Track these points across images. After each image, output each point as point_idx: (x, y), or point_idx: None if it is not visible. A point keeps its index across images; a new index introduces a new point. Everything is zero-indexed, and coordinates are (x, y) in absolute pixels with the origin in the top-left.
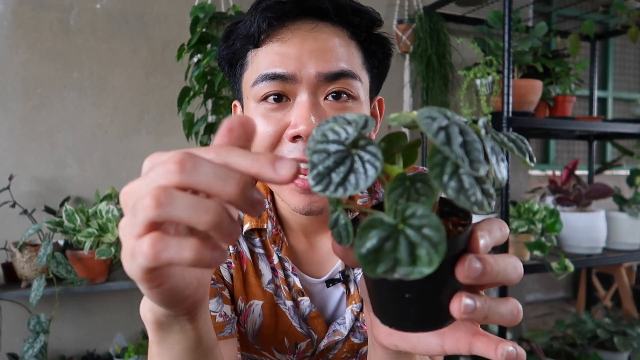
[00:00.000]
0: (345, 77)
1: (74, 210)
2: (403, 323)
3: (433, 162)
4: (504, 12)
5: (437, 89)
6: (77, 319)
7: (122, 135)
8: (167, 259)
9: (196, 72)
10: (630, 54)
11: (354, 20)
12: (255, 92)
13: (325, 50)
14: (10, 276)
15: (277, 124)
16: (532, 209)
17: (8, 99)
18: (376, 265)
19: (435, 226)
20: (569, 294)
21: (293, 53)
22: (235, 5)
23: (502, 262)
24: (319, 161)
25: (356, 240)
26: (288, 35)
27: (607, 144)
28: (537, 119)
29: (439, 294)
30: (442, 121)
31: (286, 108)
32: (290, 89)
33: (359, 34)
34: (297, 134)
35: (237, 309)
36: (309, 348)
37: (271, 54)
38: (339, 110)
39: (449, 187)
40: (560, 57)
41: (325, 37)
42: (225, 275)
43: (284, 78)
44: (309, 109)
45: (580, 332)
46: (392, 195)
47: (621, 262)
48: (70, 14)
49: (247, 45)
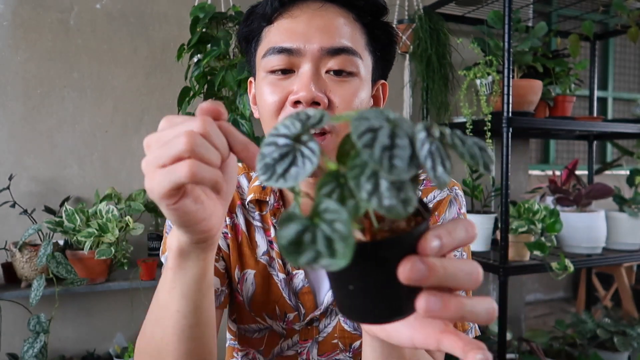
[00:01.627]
0: (347, 53)
1: (74, 210)
2: (353, 314)
3: (355, 162)
4: (504, 12)
5: (437, 89)
6: (77, 319)
7: (122, 135)
8: (201, 176)
9: (196, 72)
10: (630, 54)
11: (358, 3)
12: (264, 64)
13: (330, 27)
14: (10, 276)
15: (281, 92)
16: (532, 209)
17: (8, 99)
18: (298, 256)
19: (344, 221)
20: (569, 294)
21: (300, 29)
22: (235, 5)
23: (453, 268)
24: (268, 153)
25: (277, 232)
26: (297, 13)
27: (607, 144)
28: (537, 119)
29: (386, 288)
30: (375, 123)
31: (291, 78)
32: (295, 61)
33: (364, 17)
34: (297, 99)
35: (235, 278)
36: (296, 320)
37: (281, 29)
38: (337, 84)
39: (363, 188)
40: (560, 57)
41: (331, 15)
42: (222, 245)
43: (290, 52)
44: (310, 77)
45: (580, 332)
46: (322, 190)
47: (621, 262)
48: (70, 14)
49: (262, 23)
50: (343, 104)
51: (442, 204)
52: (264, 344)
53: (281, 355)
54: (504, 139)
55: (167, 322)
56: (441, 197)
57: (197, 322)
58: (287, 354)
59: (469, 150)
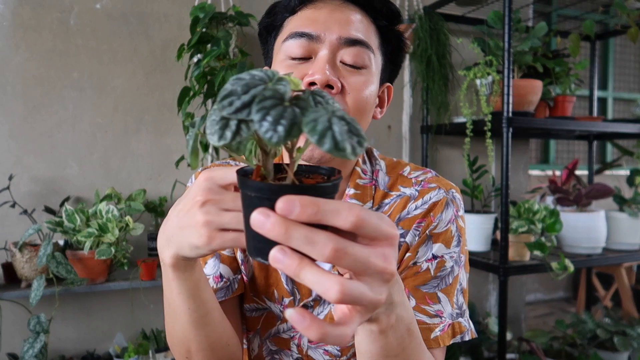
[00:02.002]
0: (362, 45)
1: (74, 210)
2: (247, 247)
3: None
4: (504, 12)
5: (437, 89)
6: (77, 319)
7: (122, 135)
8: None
9: (196, 72)
10: (630, 54)
11: (376, 5)
12: (285, 48)
13: (349, 21)
14: (10, 276)
15: (297, 74)
16: (532, 209)
17: (8, 99)
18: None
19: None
20: (569, 294)
21: (322, 18)
22: (235, 5)
23: (297, 233)
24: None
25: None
26: (320, 5)
27: (607, 144)
28: (537, 119)
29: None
30: (257, 82)
31: (308, 63)
32: (314, 47)
33: (380, 20)
34: (312, 80)
35: (239, 259)
36: (292, 305)
37: (303, 17)
38: (351, 73)
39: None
40: (560, 57)
41: (350, 12)
42: None
43: (310, 37)
44: (325, 62)
45: (580, 332)
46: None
47: (621, 262)
48: (70, 14)
49: (285, 14)
50: (354, 92)
51: (437, 205)
52: (260, 324)
53: (277, 336)
54: (504, 139)
55: (182, 317)
56: (437, 199)
57: (207, 311)
58: (282, 336)
59: (317, 121)
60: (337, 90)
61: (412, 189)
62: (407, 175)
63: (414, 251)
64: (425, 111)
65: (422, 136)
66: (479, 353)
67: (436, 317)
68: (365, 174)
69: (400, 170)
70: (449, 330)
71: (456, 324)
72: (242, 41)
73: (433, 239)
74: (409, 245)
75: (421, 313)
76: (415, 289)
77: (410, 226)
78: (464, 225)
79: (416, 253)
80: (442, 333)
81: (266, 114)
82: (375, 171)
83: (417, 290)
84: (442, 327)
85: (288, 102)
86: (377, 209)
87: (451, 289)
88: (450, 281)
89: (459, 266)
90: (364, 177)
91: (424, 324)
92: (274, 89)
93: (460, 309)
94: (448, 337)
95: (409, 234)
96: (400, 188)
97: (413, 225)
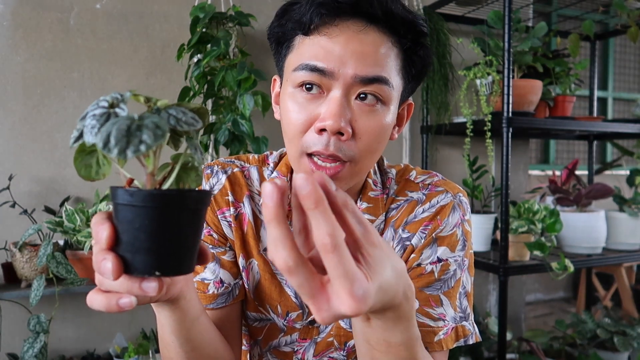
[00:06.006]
0: (379, 83)
1: (74, 210)
2: None
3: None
4: (504, 12)
5: (437, 89)
6: (77, 319)
7: None
8: None
9: (196, 72)
10: (630, 54)
11: (400, 30)
12: (294, 78)
13: (366, 54)
14: (10, 276)
15: (309, 114)
16: (532, 209)
17: (8, 99)
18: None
19: None
20: (569, 294)
21: (337, 50)
22: (235, 5)
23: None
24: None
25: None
26: (336, 32)
27: (607, 144)
28: (537, 119)
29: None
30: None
31: (319, 100)
32: (326, 83)
33: (404, 42)
34: (323, 127)
35: (240, 266)
36: (299, 319)
37: (316, 46)
38: (365, 113)
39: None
40: (560, 57)
41: (369, 40)
42: (227, 232)
43: (323, 72)
44: (338, 106)
45: (580, 332)
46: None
47: (621, 262)
48: (70, 14)
49: (297, 30)
50: (366, 136)
51: (445, 208)
52: (263, 334)
53: (277, 349)
54: (504, 139)
55: (170, 348)
56: (444, 203)
57: (193, 346)
58: (283, 350)
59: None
60: (348, 137)
61: (419, 193)
62: (414, 180)
63: (418, 252)
64: (425, 111)
65: (422, 136)
66: (479, 353)
67: (440, 320)
68: (376, 185)
69: (406, 175)
70: (452, 333)
71: (460, 327)
72: (242, 41)
73: (438, 242)
74: (414, 247)
75: (425, 316)
76: (419, 291)
77: (417, 229)
78: (470, 229)
79: (420, 254)
80: (445, 336)
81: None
82: (388, 180)
83: (420, 292)
84: (445, 330)
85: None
86: (386, 214)
87: (453, 292)
88: (452, 284)
89: (462, 270)
90: (375, 188)
91: (427, 326)
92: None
93: (464, 312)
94: (451, 340)
95: (415, 237)
96: (407, 193)
97: (420, 228)
